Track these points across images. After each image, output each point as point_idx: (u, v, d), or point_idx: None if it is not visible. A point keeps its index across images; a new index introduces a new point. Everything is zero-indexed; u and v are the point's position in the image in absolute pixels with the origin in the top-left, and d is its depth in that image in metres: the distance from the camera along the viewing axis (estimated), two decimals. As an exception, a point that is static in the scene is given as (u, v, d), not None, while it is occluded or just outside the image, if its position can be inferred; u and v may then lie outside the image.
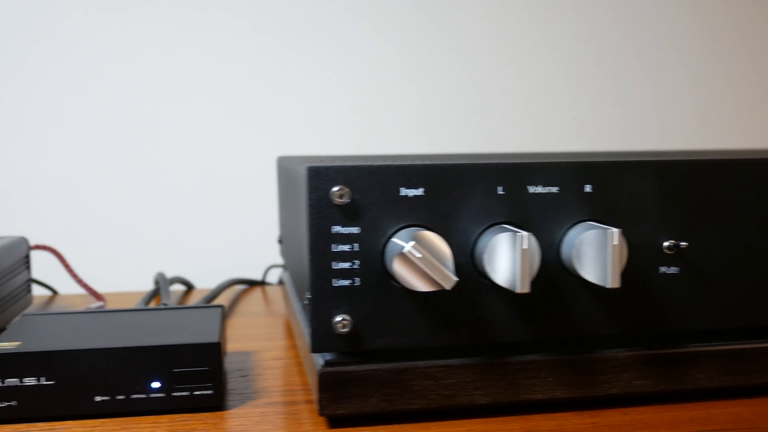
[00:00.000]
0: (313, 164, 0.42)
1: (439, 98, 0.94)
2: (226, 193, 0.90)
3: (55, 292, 0.82)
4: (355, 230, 0.43)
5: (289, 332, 0.66)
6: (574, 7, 0.96)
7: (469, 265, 0.44)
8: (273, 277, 0.88)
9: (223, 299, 0.79)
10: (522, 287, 0.41)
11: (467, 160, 0.46)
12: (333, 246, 0.42)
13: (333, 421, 0.45)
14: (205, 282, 0.85)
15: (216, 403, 0.47)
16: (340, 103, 0.91)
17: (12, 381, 0.45)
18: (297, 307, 0.58)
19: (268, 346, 0.61)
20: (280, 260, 0.86)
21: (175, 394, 0.46)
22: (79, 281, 0.71)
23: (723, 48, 1.00)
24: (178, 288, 0.84)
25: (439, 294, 0.43)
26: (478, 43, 0.94)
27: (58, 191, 0.87)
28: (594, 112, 0.97)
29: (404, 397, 0.44)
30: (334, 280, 0.43)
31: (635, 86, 0.98)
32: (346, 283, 0.43)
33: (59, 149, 0.87)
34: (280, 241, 0.71)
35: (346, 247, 0.43)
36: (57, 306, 0.76)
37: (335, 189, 0.42)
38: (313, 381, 0.45)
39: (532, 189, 0.44)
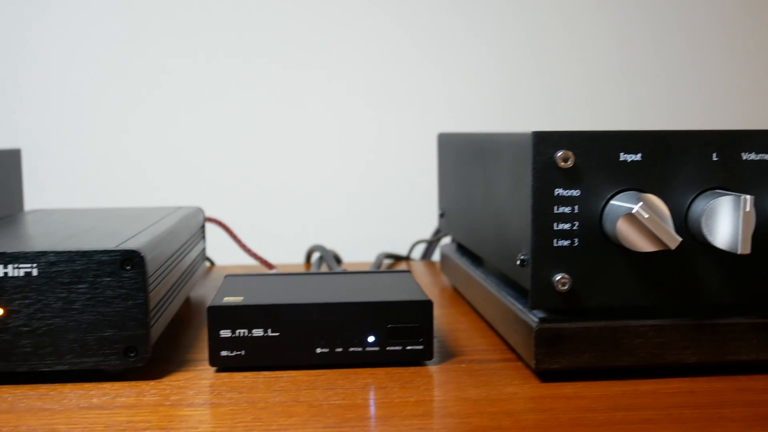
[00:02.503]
0: (538, 130, 0.44)
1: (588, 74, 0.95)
2: (372, 171, 0.93)
3: (212, 263, 0.86)
4: (575, 193, 0.45)
5: (453, 301, 0.68)
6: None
7: (682, 228, 0.45)
8: (416, 253, 0.91)
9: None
10: (744, 248, 0.43)
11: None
12: (555, 208, 0.45)
13: (544, 376, 0.47)
14: (347, 256, 0.88)
15: (427, 357, 0.49)
16: (488, 80, 0.93)
17: (241, 331, 0.48)
18: (477, 273, 0.60)
19: (439, 312, 0.64)
20: (424, 236, 0.89)
21: (389, 348, 0.49)
22: (249, 251, 0.74)
23: None
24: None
25: (653, 255, 0.45)
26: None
27: (214, 165, 0.91)
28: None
29: (615, 354, 0.46)
30: (555, 241, 0.45)
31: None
32: (566, 243, 0.45)
33: (222, 123, 0.91)
34: (442, 215, 0.73)
35: (567, 209, 0.45)
36: (230, 273, 0.80)
37: (560, 153, 0.44)
38: (523, 337, 0.47)
39: (745, 156, 0.45)
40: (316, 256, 0.82)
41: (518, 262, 0.47)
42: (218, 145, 0.92)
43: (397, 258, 0.88)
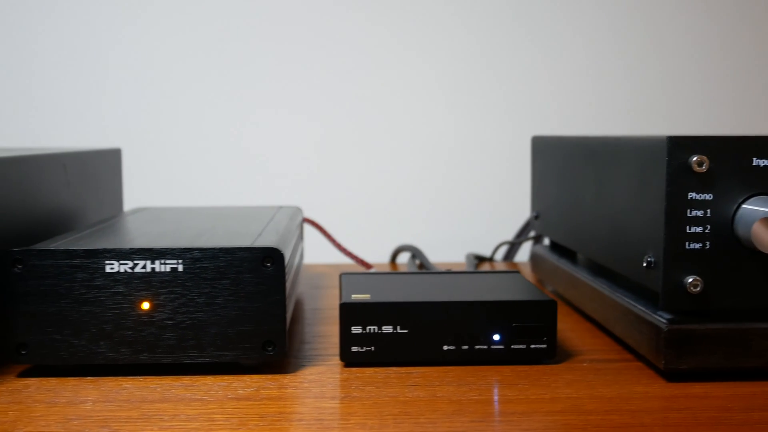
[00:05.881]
0: (673, 135, 0.45)
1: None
2: (452, 172, 0.94)
3: (300, 262, 0.88)
4: (708, 197, 0.45)
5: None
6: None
7: (813, 233, 0.46)
8: (498, 254, 0.92)
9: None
10: None
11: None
12: (688, 211, 0.45)
13: (671, 376, 0.48)
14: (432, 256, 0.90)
15: (550, 356, 0.50)
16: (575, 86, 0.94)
17: (372, 328, 0.50)
18: (582, 274, 0.61)
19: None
20: (504, 237, 0.90)
21: (514, 346, 0.50)
22: (345, 251, 0.76)
23: None
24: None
25: (784, 259, 0.46)
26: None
27: (297, 165, 0.93)
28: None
29: (743, 355, 0.47)
30: (687, 243, 0.46)
31: None
32: (698, 246, 0.46)
33: (306, 124, 0.93)
34: (537, 217, 0.75)
35: (699, 213, 0.46)
36: (338, 270, 0.82)
37: (695, 158, 0.45)
38: (648, 338, 0.48)
39: None
40: (407, 255, 0.83)
41: (644, 264, 0.48)
42: (302, 146, 0.94)
43: (481, 259, 0.89)
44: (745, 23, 0.97)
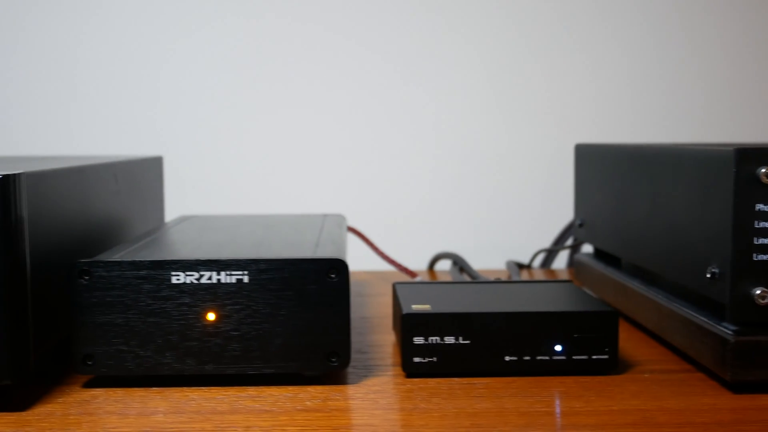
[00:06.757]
0: (739, 146, 0.45)
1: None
2: (488, 180, 0.94)
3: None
4: (776, 208, 0.45)
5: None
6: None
7: None
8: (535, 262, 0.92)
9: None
10: None
11: None
12: (756, 223, 0.45)
13: (738, 388, 0.48)
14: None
15: (611, 367, 0.50)
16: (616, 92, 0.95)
17: (434, 339, 0.50)
18: (634, 283, 0.61)
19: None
20: (541, 245, 0.90)
21: (576, 357, 0.50)
22: (389, 260, 0.76)
23: None
24: (446, 264, 0.89)
25: None
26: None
27: (335, 172, 0.94)
28: None
29: (810, 367, 0.46)
30: (755, 255, 0.46)
31: None
32: (766, 257, 0.46)
33: (345, 131, 0.93)
34: (581, 225, 0.74)
35: (767, 224, 0.45)
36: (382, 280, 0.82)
37: (763, 169, 0.45)
38: (712, 349, 0.48)
39: None
40: (445, 262, 0.83)
41: (708, 276, 0.48)
42: (337, 152, 0.94)
43: (520, 266, 0.89)
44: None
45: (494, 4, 0.94)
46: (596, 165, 0.70)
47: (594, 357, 0.50)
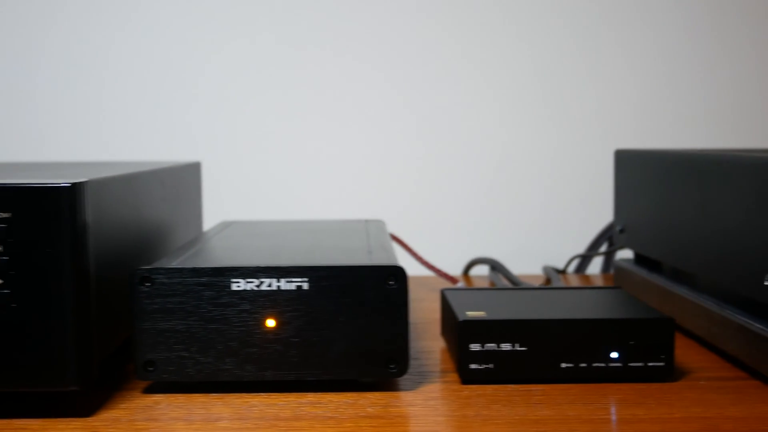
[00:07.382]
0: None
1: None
2: (519, 184, 0.94)
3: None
4: (838, 216, 0.45)
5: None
6: None
7: None
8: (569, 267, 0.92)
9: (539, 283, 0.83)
10: None
11: None
12: (817, 230, 0.45)
13: (796, 395, 0.48)
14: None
15: (667, 375, 0.50)
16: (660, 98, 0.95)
17: (491, 346, 0.50)
18: (681, 290, 0.61)
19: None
20: (573, 251, 0.90)
21: (632, 364, 0.50)
22: (428, 265, 0.76)
23: None
24: (483, 269, 0.89)
25: None
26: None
27: (372, 175, 0.94)
28: None
29: None
30: (816, 263, 0.46)
31: None
32: (828, 265, 0.46)
33: (379, 137, 0.93)
34: (622, 231, 0.74)
35: (828, 232, 0.45)
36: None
37: (826, 177, 0.45)
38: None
39: None
40: (483, 268, 0.83)
41: (766, 283, 0.48)
42: (370, 157, 0.94)
43: (557, 272, 0.89)
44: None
45: (535, 10, 0.94)
46: (638, 171, 0.70)
47: (650, 364, 0.50)
